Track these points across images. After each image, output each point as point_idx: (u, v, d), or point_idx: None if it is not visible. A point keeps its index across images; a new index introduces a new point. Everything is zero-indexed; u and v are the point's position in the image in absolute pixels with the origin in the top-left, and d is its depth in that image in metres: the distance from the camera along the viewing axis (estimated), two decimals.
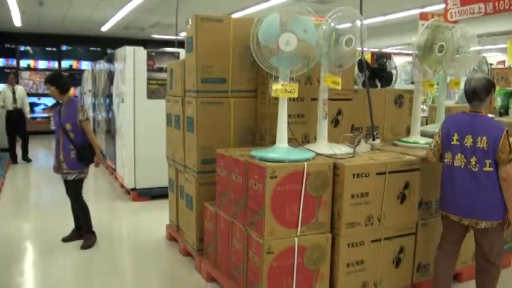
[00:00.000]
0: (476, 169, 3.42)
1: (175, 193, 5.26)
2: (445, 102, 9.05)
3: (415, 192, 3.92)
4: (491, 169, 3.40)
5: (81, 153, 5.19)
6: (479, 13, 4.29)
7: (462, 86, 9.66)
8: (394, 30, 15.49)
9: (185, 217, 4.92)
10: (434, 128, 5.04)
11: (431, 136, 4.69)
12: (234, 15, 10.71)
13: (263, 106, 4.45)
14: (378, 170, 3.68)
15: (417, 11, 10.40)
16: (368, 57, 10.63)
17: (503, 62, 17.58)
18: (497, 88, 8.86)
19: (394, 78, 5.49)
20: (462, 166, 3.50)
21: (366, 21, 14.17)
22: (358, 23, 3.83)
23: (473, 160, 3.43)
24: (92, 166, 5.37)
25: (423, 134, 4.74)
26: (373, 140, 4.26)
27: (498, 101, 8.48)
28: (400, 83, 7.74)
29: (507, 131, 3.40)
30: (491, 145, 3.36)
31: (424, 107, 7.63)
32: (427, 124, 6.42)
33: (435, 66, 4.41)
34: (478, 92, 3.51)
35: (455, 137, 3.54)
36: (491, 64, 13.83)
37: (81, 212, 5.34)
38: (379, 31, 16.04)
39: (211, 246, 4.34)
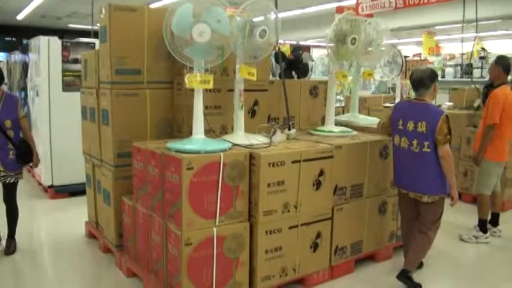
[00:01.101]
0: (417, 150, 3.98)
1: (92, 189, 5.13)
2: (361, 93, 9.40)
3: (330, 178, 4.03)
4: (429, 150, 3.94)
5: (20, 152, 4.84)
6: (390, 7, 4.45)
7: (377, 77, 10.03)
8: (312, 23, 15.78)
9: (103, 213, 4.82)
10: (349, 117, 5.21)
11: (346, 125, 4.87)
12: (153, 5, 10.54)
13: (180, 97, 4.41)
14: (293, 159, 3.75)
15: (334, 5, 10.63)
16: (287, 49, 10.77)
17: (419, 54, 18.27)
18: None
19: (310, 69, 5.60)
20: (406, 148, 4.07)
21: (284, 14, 14.41)
22: (272, 14, 3.86)
23: (414, 142, 4.00)
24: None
25: (338, 123, 4.88)
26: (289, 129, 4.34)
27: (411, 93, 8.82)
28: (318, 75, 7.93)
29: (446, 115, 3.92)
30: (429, 129, 3.90)
31: (341, 98, 7.86)
32: (343, 113, 6.59)
33: (348, 58, 4.53)
34: (423, 81, 4.04)
35: (400, 123, 4.10)
36: (407, 56, 14.41)
37: (15, 217, 5.02)
38: (298, 24, 16.33)
39: (131, 241, 4.28)
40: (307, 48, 17.77)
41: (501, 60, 5.48)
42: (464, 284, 4.43)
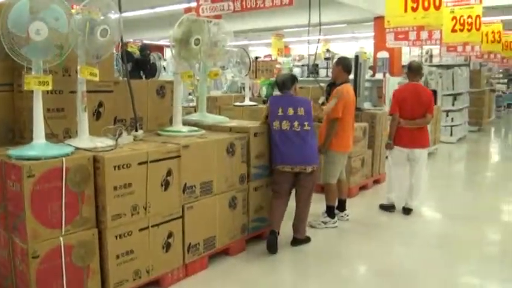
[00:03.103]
0: (299, 129, 4.88)
1: None
2: (213, 92, 9.53)
3: (178, 178, 4.04)
4: (309, 128, 4.92)
5: None
6: (229, 10, 4.58)
7: (229, 77, 10.20)
8: (165, 22, 15.71)
9: None
10: (198, 116, 5.27)
11: (195, 124, 4.93)
12: None
13: (21, 100, 4.13)
14: (139, 160, 3.71)
15: (184, 5, 10.67)
16: (136, 49, 10.61)
17: (270, 55, 18.93)
18: (262, 79, 9.57)
19: (159, 69, 5.58)
20: (288, 129, 4.88)
21: (134, 13, 14.08)
22: (113, 13, 3.78)
23: (295, 124, 4.87)
24: None
25: (187, 123, 4.92)
26: (136, 131, 4.29)
27: (264, 90, 9.12)
28: (170, 75, 7.92)
29: (312, 102, 5.08)
30: (306, 112, 4.90)
31: (193, 97, 7.91)
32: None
33: (192, 58, 4.58)
34: (286, 83, 5.05)
35: (280, 110, 4.91)
36: (258, 57, 14.86)
37: None
38: (151, 23, 16.17)
39: None
40: (160, 48, 17.67)
41: (341, 60, 5.93)
42: (314, 265, 4.70)
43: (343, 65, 5.79)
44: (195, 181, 4.26)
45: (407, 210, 6.35)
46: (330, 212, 5.77)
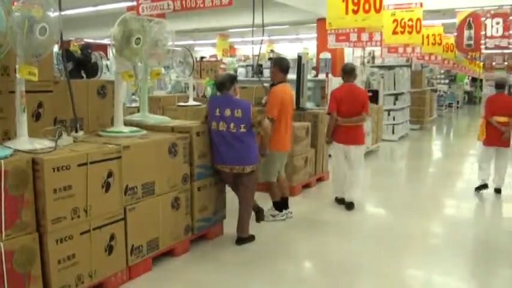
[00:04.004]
0: (235, 130, 4.89)
1: None
2: (157, 92, 9.46)
3: (119, 179, 4.00)
4: (245, 130, 4.91)
5: None
6: (169, 9, 4.55)
7: (174, 77, 10.12)
8: (108, 21, 15.42)
9: None
10: (140, 117, 5.22)
11: (137, 125, 4.88)
12: None
13: None
14: (79, 162, 3.65)
15: (128, 4, 10.50)
16: (77, 48, 10.39)
17: (215, 55, 18.91)
18: (207, 79, 9.58)
19: (100, 69, 5.48)
20: (224, 130, 4.90)
21: (76, 11, 13.72)
22: (52, 11, 3.69)
23: (232, 125, 4.88)
24: None
25: (130, 123, 4.87)
26: (76, 132, 4.21)
27: (208, 90, 9.12)
28: (114, 74, 7.80)
29: (251, 104, 5.05)
30: (244, 114, 4.88)
31: (137, 97, 7.82)
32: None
33: (133, 58, 4.53)
34: (224, 83, 5.03)
35: (217, 111, 4.92)
36: (204, 57, 14.81)
37: None
38: (94, 22, 15.86)
39: None
40: (104, 47, 17.33)
41: (277, 61, 6.08)
42: (259, 263, 4.72)
43: (279, 65, 5.88)
44: (136, 182, 4.21)
45: (348, 205, 6.58)
46: (277, 206, 5.97)
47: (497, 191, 7.58)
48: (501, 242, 5.65)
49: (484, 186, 7.60)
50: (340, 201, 6.75)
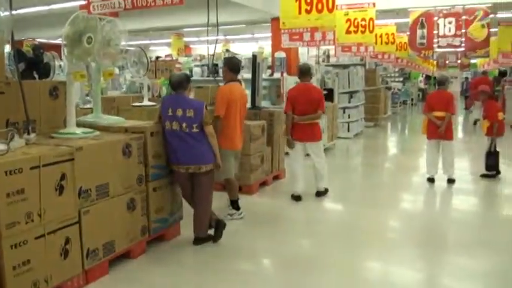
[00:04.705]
0: (187, 130, 4.88)
1: None
2: (111, 93, 9.33)
3: (72, 181, 3.94)
4: (197, 130, 4.91)
5: None
6: (119, 8, 4.52)
7: (128, 77, 10.02)
8: (62, 20, 15.08)
9: None
10: (94, 117, 5.15)
11: (91, 126, 4.81)
12: None
13: None
14: (32, 165, 3.58)
15: (81, 2, 10.30)
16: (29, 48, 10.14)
17: (171, 55, 18.79)
18: (162, 78, 9.50)
19: (53, 69, 5.37)
20: (178, 129, 4.89)
21: (28, 10, 13.39)
22: (2, 10, 3.62)
23: (184, 125, 4.87)
24: None
25: (83, 124, 4.79)
26: (29, 134, 4.12)
27: (164, 90, 9.05)
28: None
29: (206, 104, 5.03)
30: (196, 114, 4.88)
31: (90, 98, 7.70)
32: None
33: (85, 58, 4.47)
34: (182, 83, 5.04)
35: (170, 110, 4.91)
36: (159, 57, 14.68)
37: None
38: (47, 21, 15.49)
39: None
40: (57, 47, 16.91)
41: (227, 61, 6.37)
42: (217, 263, 4.72)
43: (229, 64, 6.06)
44: (90, 184, 4.15)
45: (319, 193, 7.04)
46: (234, 204, 6.03)
47: (450, 181, 7.95)
48: (451, 231, 5.94)
49: (431, 180, 8.00)
50: (296, 198, 6.87)
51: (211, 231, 5.22)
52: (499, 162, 8.30)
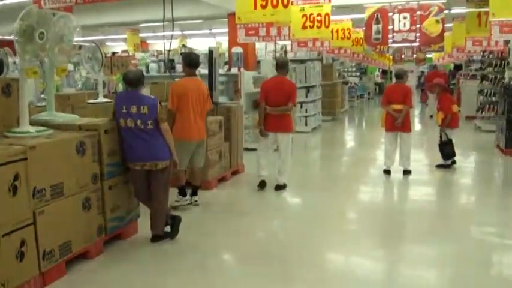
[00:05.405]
0: (143, 127, 4.84)
1: None
2: (66, 90, 9.15)
3: (26, 182, 3.84)
4: (152, 126, 4.88)
5: None
6: (71, 2, 4.44)
7: (84, 73, 9.83)
8: (16, 15, 14.71)
9: None
10: (48, 115, 5.03)
11: (44, 124, 4.71)
12: None
13: None
14: None
15: None
16: None
17: (127, 51, 18.57)
18: (118, 75, 9.38)
19: (6, 66, 5.23)
20: (133, 126, 4.84)
21: None
22: None
23: (138, 121, 4.83)
24: None
25: (37, 123, 4.68)
26: None
27: (120, 87, 8.94)
28: None
29: (160, 101, 5.03)
30: (151, 111, 4.85)
31: (45, 96, 7.53)
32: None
33: (37, 54, 4.36)
34: (140, 79, 5.03)
35: (124, 108, 4.85)
36: (115, 53, 14.47)
37: None
38: (1, 16, 15.08)
39: None
40: (11, 44, 16.47)
41: (183, 56, 6.65)
42: (176, 260, 4.68)
43: (185, 60, 6.36)
44: (45, 184, 4.05)
45: (279, 187, 7.15)
46: (181, 191, 6.31)
47: (406, 172, 8.17)
48: (408, 221, 6.14)
49: (388, 171, 8.19)
50: (262, 184, 7.17)
51: (168, 228, 5.18)
52: (455, 151, 8.57)
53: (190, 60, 6.21)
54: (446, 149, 8.53)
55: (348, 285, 4.26)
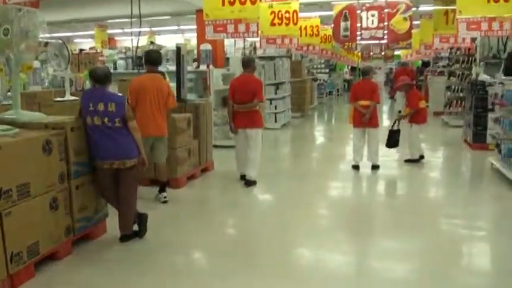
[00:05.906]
0: (110, 124, 4.76)
1: None
2: (33, 88, 8.99)
3: None
4: (120, 124, 4.81)
5: None
6: None
7: (51, 71, 9.67)
8: None
9: None
10: (13, 114, 4.94)
11: (9, 123, 4.61)
12: None
13: None
14: None
15: None
16: None
17: (95, 47, 18.32)
18: (85, 72, 9.27)
19: None
20: (100, 124, 4.76)
21: None
22: None
23: (106, 119, 4.75)
24: None
25: (1, 121, 4.58)
26: None
27: (88, 84, 8.82)
28: None
29: (127, 98, 5.08)
30: (118, 108, 4.77)
31: (11, 94, 7.40)
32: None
33: (2, 50, 4.27)
34: (108, 76, 4.97)
35: (91, 105, 4.76)
36: (83, 50, 14.24)
37: None
38: None
39: None
40: None
41: (144, 54, 6.69)
42: (145, 259, 4.64)
43: (144, 57, 6.49)
44: (11, 184, 3.96)
45: (248, 182, 7.28)
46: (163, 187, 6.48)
47: (374, 167, 8.31)
48: (377, 215, 6.23)
49: (356, 167, 8.34)
50: (243, 177, 7.44)
51: (136, 227, 5.15)
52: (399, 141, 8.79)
53: (150, 58, 6.34)
54: (394, 138, 8.72)
55: (319, 279, 4.29)
